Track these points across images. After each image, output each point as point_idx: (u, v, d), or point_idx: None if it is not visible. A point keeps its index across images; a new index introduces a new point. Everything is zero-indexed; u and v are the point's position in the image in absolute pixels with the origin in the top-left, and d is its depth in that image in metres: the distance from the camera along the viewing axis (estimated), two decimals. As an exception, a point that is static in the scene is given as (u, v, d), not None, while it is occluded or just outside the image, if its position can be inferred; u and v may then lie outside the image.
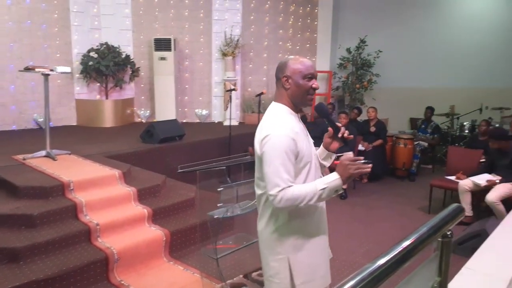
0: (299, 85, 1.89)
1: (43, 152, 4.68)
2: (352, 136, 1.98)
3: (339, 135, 1.95)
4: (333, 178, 1.79)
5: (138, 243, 3.60)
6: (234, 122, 8.06)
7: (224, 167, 3.19)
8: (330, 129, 1.97)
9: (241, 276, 3.47)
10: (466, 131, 7.63)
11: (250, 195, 3.36)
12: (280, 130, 1.81)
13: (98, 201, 3.82)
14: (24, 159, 4.58)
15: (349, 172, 1.79)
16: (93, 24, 7.94)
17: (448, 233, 1.37)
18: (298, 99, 1.92)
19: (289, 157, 1.79)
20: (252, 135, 2.00)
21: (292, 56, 1.97)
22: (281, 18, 9.05)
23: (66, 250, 3.35)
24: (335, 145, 2.00)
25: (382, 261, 1.05)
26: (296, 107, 1.95)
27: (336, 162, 1.97)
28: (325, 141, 2.02)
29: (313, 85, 1.91)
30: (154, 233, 3.78)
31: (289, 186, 1.76)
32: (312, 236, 1.94)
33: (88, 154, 5.07)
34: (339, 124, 1.98)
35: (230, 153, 5.75)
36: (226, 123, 7.67)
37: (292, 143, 1.80)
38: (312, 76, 1.91)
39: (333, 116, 7.30)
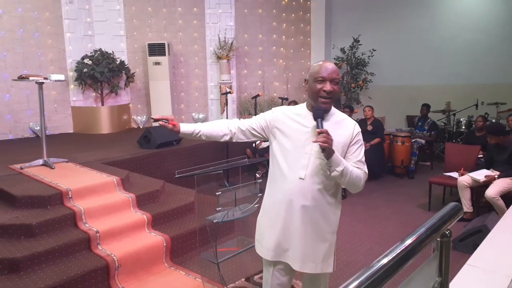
0: (311, 87, 2.04)
1: (40, 161, 4.67)
2: (326, 145, 1.87)
3: (313, 139, 1.92)
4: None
5: (139, 250, 3.58)
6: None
7: (222, 171, 3.18)
8: (317, 131, 1.91)
9: (243, 279, 3.46)
10: (463, 127, 7.65)
11: (249, 197, 3.36)
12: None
13: (97, 209, 3.80)
14: (21, 168, 4.56)
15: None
16: (86, 31, 7.93)
17: (447, 232, 1.37)
18: (313, 101, 2.06)
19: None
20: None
21: (319, 61, 2.09)
22: (274, 23, 9.08)
23: (67, 258, 3.34)
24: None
25: (380, 264, 1.04)
26: None
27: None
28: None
29: (323, 88, 1.98)
30: (154, 239, 3.76)
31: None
32: (269, 208, 2.15)
33: (85, 161, 5.05)
34: (320, 130, 1.89)
35: (228, 156, 5.75)
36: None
37: (269, 114, 2.16)
38: (323, 79, 1.98)
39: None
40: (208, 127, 2.21)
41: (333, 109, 2.12)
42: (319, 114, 1.98)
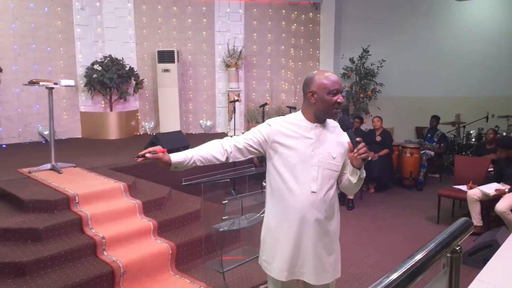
0: (324, 100, 1.98)
1: (48, 165, 4.69)
2: (369, 156, 1.96)
3: (354, 152, 1.90)
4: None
5: (144, 256, 3.56)
6: (239, 133, 8.06)
7: (229, 179, 3.17)
8: (349, 143, 1.93)
9: (247, 289, 3.43)
10: (473, 139, 7.58)
11: (255, 206, 3.34)
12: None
13: (103, 214, 3.80)
14: (29, 172, 4.59)
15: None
16: (96, 37, 8.02)
17: (457, 248, 1.34)
18: (324, 113, 2.01)
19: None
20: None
21: (317, 71, 2.05)
22: (283, 31, 9.10)
23: (72, 264, 3.33)
24: (356, 162, 1.93)
25: (388, 279, 1.02)
26: (320, 119, 2.04)
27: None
28: (348, 156, 1.99)
29: (338, 100, 1.98)
30: (160, 246, 3.75)
31: None
32: (278, 227, 2.07)
33: (93, 166, 5.07)
34: (359, 140, 1.91)
35: (235, 164, 5.73)
36: (231, 133, 7.67)
37: (266, 127, 2.06)
38: (337, 91, 1.98)
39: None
40: (201, 151, 2.02)
41: None
42: (349, 125, 1.97)
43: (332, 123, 2.10)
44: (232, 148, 2.05)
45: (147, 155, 1.93)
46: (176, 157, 1.97)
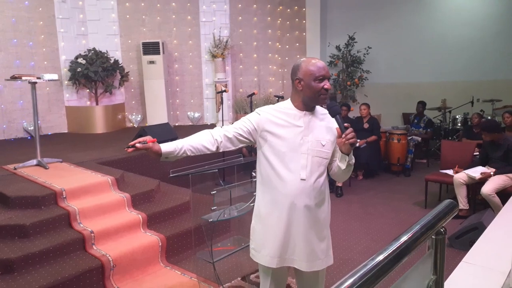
0: (310, 86, 1.98)
1: (34, 161, 4.63)
2: (357, 142, 1.96)
3: (342, 138, 1.90)
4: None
5: (134, 249, 3.56)
6: (227, 124, 8.04)
7: (216, 170, 3.16)
8: (337, 129, 1.94)
9: (239, 278, 3.45)
10: (459, 124, 7.66)
11: (244, 196, 3.34)
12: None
13: (91, 209, 3.77)
14: (15, 168, 4.53)
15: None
16: (79, 30, 7.89)
17: (442, 230, 1.36)
18: (311, 99, 2.01)
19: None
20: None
21: (304, 58, 2.04)
22: (269, 18, 9.05)
23: (61, 259, 3.31)
24: (344, 147, 1.94)
25: (374, 261, 1.03)
26: (308, 106, 2.04)
27: None
28: (337, 142, 1.99)
29: (325, 86, 1.98)
30: (150, 238, 3.74)
31: None
32: (268, 215, 2.07)
33: (80, 161, 5.02)
34: (347, 125, 1.91)
35: (224, 154, 5.73)
36: (219, 124, 7.64)
37: (256, 116, 2.06)
38: (323, 78, 1.98)
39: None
40: (192, 141, 2.03)
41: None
42: (337, 110, 1.97)
43: (321, 110, 2.10)
44: (222, 137, 2.05)
45: (138, 145, 1.93)
46: (166, 147, 1.97)
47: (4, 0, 6.86)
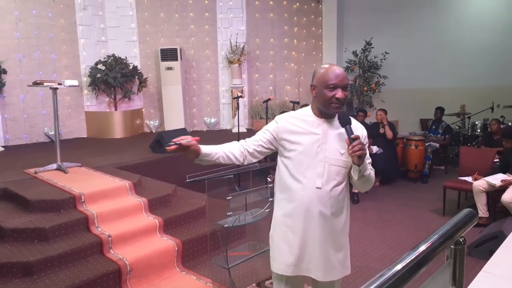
0: (322, 94, 1.96)
1: (54, 165, 4.72)
2: (367, 153, 1.89)
3: (349, 149, 1.86)
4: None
5: (150, 254, 3.59)
6: (243, 129, 8.07)
7: (232, 176, 3.17)
8: (346, 140, 1.89)
9: (254, 285, 3.44)
10: (478, 130, 7.53)
11: (260, 202, 3.35)
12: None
13: (109, 213, 3.83)
14: (35, 172, 4.62)
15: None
16: (99, 37, 8.03)
17: (461, 239, 1.33)
18: (323, 107, 1.99)
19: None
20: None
21: (326, 65, 2.02)
22: (286, 27, 9.08)
23: (79, 262, 3.36)
24: (353, 158, 1.90)
25: (392, 271, 1.02)
26: (325, 113, 2.01)
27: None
28: (348, 152, 1.94)
29: (336, 95, 1.93)
30: (166, 243, 3.77)
31: None
32: (284, 222, 2.07)
33: (98, 165, 5.10)
34: (354, 136, 1.87)
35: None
36: (235, 130, 7.67)
37: (274, 125, 2.07)
38: (335, 86, 1.92)
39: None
40: (225, 148, 2.06)
41: None
42: (347, 121, 1.93)
43: None
44: (248, 150, 2.10)
45: (183, 142, 1.93)
46: (205, 148, 2.01)
47: (28, 8, 7.03)
